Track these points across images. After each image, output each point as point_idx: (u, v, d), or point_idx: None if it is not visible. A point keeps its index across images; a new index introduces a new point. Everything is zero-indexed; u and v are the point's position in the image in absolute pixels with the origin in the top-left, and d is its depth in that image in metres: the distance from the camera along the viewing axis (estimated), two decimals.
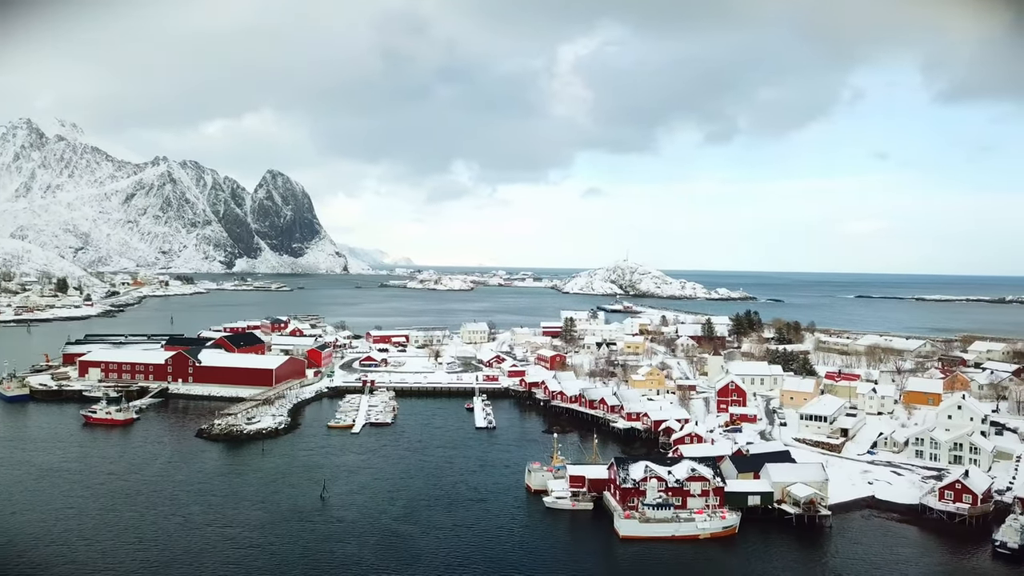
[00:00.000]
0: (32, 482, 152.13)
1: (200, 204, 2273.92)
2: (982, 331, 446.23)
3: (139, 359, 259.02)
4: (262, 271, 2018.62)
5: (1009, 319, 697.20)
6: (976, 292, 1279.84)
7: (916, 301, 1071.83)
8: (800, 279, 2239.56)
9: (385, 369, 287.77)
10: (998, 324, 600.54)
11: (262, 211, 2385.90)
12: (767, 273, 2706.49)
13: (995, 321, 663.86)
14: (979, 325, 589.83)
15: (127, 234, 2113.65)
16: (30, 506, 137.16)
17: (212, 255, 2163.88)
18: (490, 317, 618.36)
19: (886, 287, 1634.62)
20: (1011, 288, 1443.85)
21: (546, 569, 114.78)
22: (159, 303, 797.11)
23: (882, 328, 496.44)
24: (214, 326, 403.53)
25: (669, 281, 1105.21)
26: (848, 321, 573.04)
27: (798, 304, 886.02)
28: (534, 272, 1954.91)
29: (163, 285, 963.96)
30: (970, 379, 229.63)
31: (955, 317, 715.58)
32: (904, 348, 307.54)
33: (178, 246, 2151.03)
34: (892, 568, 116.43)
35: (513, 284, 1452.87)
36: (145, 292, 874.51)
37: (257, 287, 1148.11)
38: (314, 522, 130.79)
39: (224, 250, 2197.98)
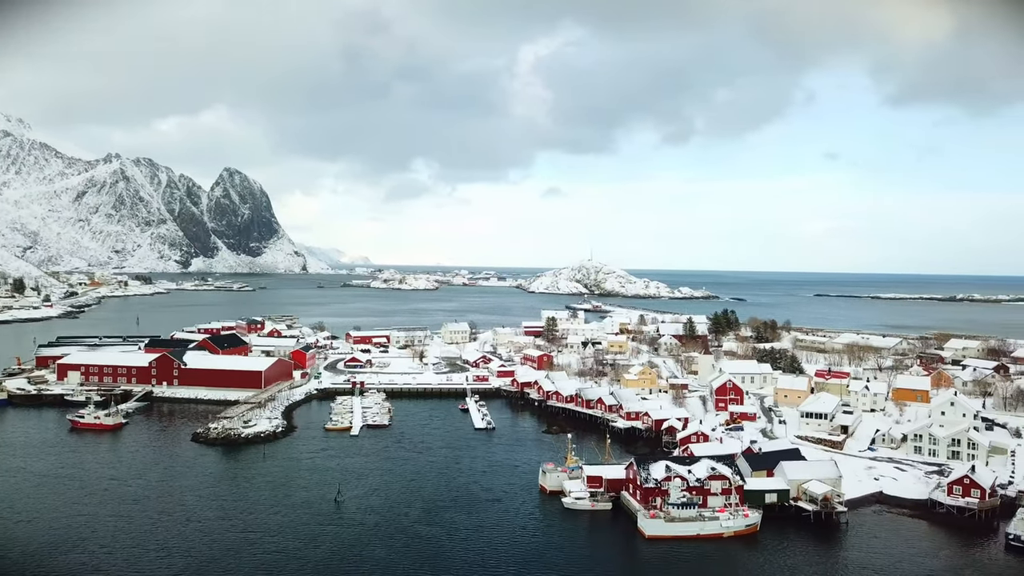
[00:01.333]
0: (32, 489, 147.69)
1: (154, 202, 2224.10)
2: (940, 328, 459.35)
3: (121, 362, 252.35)
4: (219, 271, 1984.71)
5: (962, 316, 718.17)
6: (926, 291, 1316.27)
7: (872, 299, 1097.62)
8: (757, 278, 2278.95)
9: (372, 370, 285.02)
10: (954, 321, 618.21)
11: (219, 210, 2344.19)
12: (725, 272, 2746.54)
13: (951, 318, 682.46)
14: (936, 322, 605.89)
15: (78, 233, 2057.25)
16: (37, 513, 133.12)
17: (167, 254, 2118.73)
18: (461, 317, 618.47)
19: (840, 286, 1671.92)
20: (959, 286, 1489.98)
21: (578, 569, 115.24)
22: (119, 304, 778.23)
23: (847, 325, 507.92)
24: (187, 327, 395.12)
25: (633, 280, 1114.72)
26: (814, 319, 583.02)
27: (762, 303, 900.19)
28: (497, 271, 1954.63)
29: (122, 285, 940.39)
30: (953, 376, 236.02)
31: (913, 315, 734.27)
32: (882, 346, 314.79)
33: (132, 245, 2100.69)
34: (913, 561, 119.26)
35: (478, 284, 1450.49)
36: (103, 292, 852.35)
37: (218, 287, 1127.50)
38: (335, 525, 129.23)
39: (180, 249, 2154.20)
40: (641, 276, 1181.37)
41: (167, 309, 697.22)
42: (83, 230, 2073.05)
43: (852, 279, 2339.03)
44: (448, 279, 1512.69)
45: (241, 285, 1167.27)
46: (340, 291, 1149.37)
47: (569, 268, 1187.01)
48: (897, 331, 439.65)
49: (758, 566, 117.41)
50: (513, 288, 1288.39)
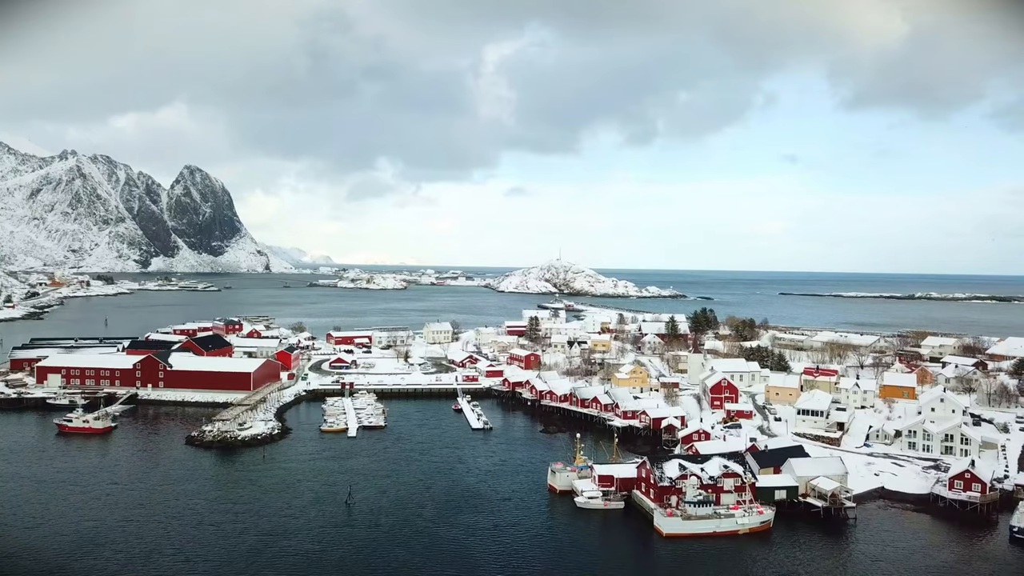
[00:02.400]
0: (31, 495, 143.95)
1: (112, 200, 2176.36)
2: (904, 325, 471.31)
3: (104, 364, 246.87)
4: (180, 270, 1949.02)
5: (923, 314, 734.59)
6: (885, 289, 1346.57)
7: (834, 298, 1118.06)
8: (720, 277, 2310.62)
9: (358, 371, 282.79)
10: (917, 319, 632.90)
11: (179, 208, 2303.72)
12: (688, 271, 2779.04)
13: (913, 316, 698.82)
14: (899, 320, 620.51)
15: (33, 232, 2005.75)
16: (42, 519, 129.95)
17: (126, 254, 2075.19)
18: (436, 316, 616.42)
19: (800, 284, 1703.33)
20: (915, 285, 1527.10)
21: (600, 568, 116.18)
22: (82, 304, 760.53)
23: (817, 324, 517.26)
24: (161, 328, 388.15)
25: (602, 280, 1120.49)
26: (785, 318, 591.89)
27: (729, 301, 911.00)
28: (464, 271, 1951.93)
29: (84, 285, 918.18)
30: (936, 374, 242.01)
31: (877, 313, 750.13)
32: (860, 344, 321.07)
33: (89, 244, 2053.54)
34: (924, 554, 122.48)
35: (446, 283, 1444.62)
36: (65, 293, 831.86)
37: (183, 287, 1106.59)
38: (351, 528, 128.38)
39: (139, 248, 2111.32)
40: (609, 275, 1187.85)
41: (134, 310, 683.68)
42: (38, 229, 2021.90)
43: (810, 278, 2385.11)
44: (416, 279, 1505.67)
45: (206, 285, 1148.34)
46: (307, 291, 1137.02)
47: (538, 268, 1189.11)
48: (864, 329, 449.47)
49: (776, 562, 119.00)
50: (482, 288, 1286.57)
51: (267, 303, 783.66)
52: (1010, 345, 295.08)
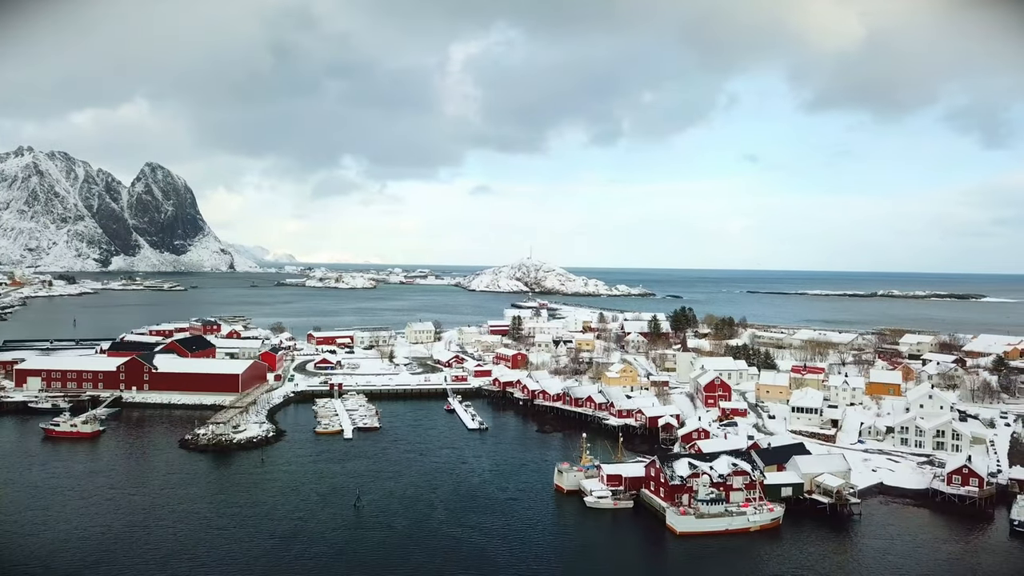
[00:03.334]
0: (28, 500, 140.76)
1: (71, 198, 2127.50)
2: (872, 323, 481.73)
3: (86, 366, 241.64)
4: (142, 269, 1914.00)
5: (887, 311, 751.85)
6: (848, 287, 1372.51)
7: (799, 296, 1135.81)
8: (685, 275, 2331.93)
9: (345, 372, 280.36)
10: (882, 316, 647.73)
11: (141, 206, 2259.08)
12: (653, 269, 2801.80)
13: (879, 313, 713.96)
14: (865, 317, 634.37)
15: None
16: (44, 526, 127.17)
17: (86, 252, 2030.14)
18: (411, 315, 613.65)
19: (764, 282, 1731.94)
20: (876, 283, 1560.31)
21: (619, 567, 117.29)
22: (45, 304, 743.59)
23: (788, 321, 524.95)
24: (136, 329, 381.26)
25: (572, 278, 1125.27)
26: (756, 316, 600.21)
27: (699, 299, 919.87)
28: (432, 269, 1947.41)
29: (46, 285, 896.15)
30: (918, 371, 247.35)
31: (843, 310, 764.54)
32: (839, 341, 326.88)
33: (47, 243, 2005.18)
34: (931, 547, 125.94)
35: (415, 282, 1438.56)
36: (27, 292, 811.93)
37: (148, 287, 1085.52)
38: (364, 530, 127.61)
39: (99, 247, 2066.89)
40: (578, 274, 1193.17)
41: (100, 310, 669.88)
42: None
43: (771, 276, 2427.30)
44: (384, 277, 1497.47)
45: (172, 284, 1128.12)
46: (275, 290, 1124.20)
47: (509, 267, 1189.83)
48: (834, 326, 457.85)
49: (790, 558, 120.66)
50: (452, 287, 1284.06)
51: (237, 303, 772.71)
52: (984, 342, 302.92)
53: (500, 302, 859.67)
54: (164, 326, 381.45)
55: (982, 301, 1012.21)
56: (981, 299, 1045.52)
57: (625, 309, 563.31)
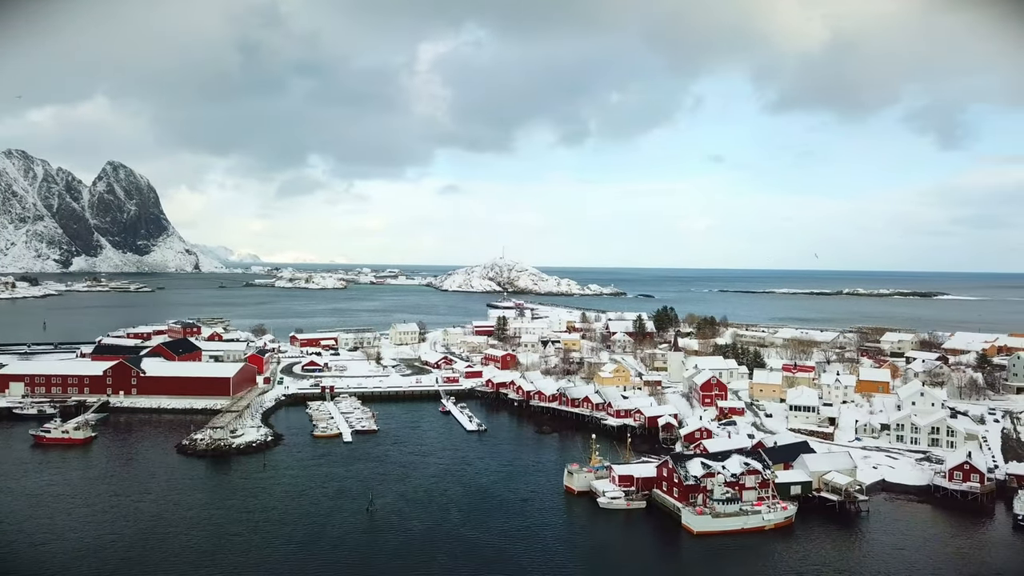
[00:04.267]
0: (30, 509, 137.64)
1: (29, 198, 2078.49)
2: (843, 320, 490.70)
3: (71, 371, 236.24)
4: (104, 270, 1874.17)
5: (855, 309, 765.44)
6: (815, 286, 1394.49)
7: (768, 294, 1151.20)
8: (653, 274, 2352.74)
9: (333, 374, 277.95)
10: (850, 314, 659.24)
11: (102, 206, 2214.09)
12: (622, 269, 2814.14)
13: (848, 311, 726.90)
14: (835, 315, 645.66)
15: None
16: (54, 535, 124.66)
17: (45, 253, 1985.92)
18: (387, 316, 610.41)
19: (729, 281, 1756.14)
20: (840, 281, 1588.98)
21: (642, 567, 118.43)
22: (7, 307, 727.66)
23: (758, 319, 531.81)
24: (112, 332, 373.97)
25: (545, 278, 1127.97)
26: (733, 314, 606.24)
27: (670, 298, 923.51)
28: (401, 269, 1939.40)
29: (8, 287, 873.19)
30: (904, 368, 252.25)
31: (813, 309, 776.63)
32: (822, 340, 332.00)
33: (4, 243, 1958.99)
34: (940, 542, 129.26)
35: (386, 282, 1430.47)
36: None
37: (113, 288, 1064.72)
38: (381, 534, 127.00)
39: (59, 248, 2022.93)
40: (550, 273, 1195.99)
41: (68, 312, 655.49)
42: None
43: (737, 274, 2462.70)
44: (354, 277, 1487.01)
45: (139, 285, 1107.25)
46: (245, 291, 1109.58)
47: (481, 266, 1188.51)
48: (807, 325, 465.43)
49: (807, 555, 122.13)
50: (424, 287, 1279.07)
51: (208, 304, 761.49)
52: (962, 339, 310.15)
53: (474, 302, 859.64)
54: (142, 328, 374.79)
55: (944, 299, 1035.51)
56: (944, 296, 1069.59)
57: (602, 309, 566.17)
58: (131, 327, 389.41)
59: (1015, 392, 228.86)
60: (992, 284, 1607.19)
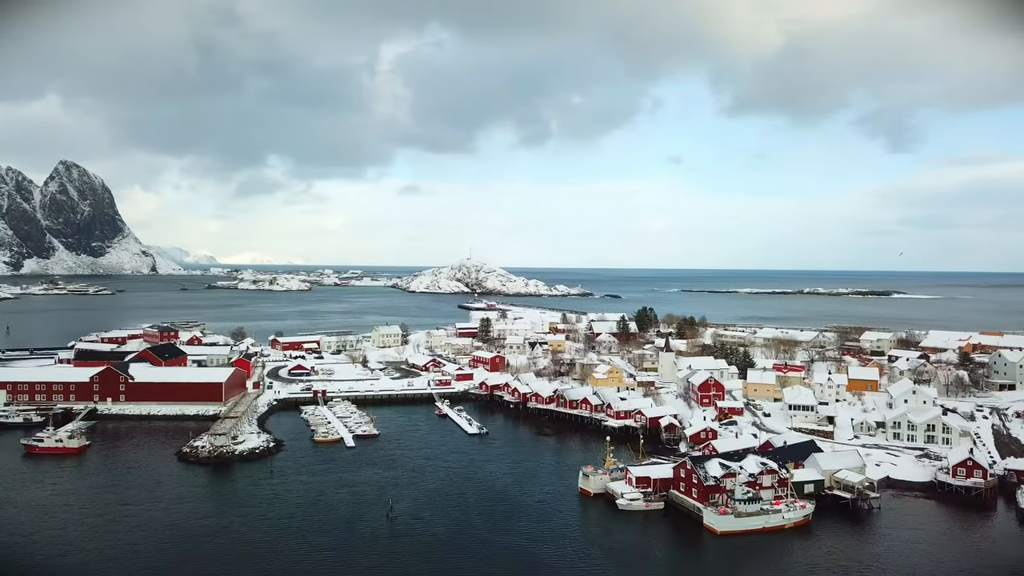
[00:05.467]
0: (40, 520, 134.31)
1: None
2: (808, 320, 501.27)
3: (57, 377, 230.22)
4: (57, 272, 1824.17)
5: (816, 309, 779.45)
6: (776, 285, 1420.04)
7: (730, 294, 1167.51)
8: (614, 274, 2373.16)
9: (321, 377, 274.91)
10: (815, 313, 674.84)
11: (55, 206, 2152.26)
12: (583, 269, 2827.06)
13: (811, 310, 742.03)
14: (802, 314, 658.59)
15: None
16: (70, 545, 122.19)
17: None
18: (360, 318, 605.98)
19: (689, 280, 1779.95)
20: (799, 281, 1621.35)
21: (672, 568, 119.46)
22: None
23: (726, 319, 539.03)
24: (84, 336, 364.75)
25: (513, 279, 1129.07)
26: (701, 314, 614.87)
27: (637, 298, 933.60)
28: (363, 270, 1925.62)
29: None
30: (890, 367, 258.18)
31: (777, 308, 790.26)
32: (802, 340, 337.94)
33: None
34: (952, 536, 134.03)
35: (350, 283, 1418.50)
36: None
37: (71, 290, 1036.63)
38: (408, 539, 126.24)
39: (10, 250, 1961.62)
40: (516, 274, 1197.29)
41: (28, 316, 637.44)
42: None
43: (699, 274, 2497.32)
44: (318, 279, 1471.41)
45: (98, 288, 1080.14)
46: (208, 293, 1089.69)
47: (448, 267, 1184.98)
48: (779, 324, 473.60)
49: (830, 551, 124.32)
50: (389, 288, 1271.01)
51: (172, 307, 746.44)
52: (938, 338, 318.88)
53: (443, 303, 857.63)
54: (116, 333, 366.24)
55: (901, 298, 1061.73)
56: (900, 295, 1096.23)
57: (573, 309, 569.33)
58: (103, 331, 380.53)
59: (998, 389, 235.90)
60: (941, 283, 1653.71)
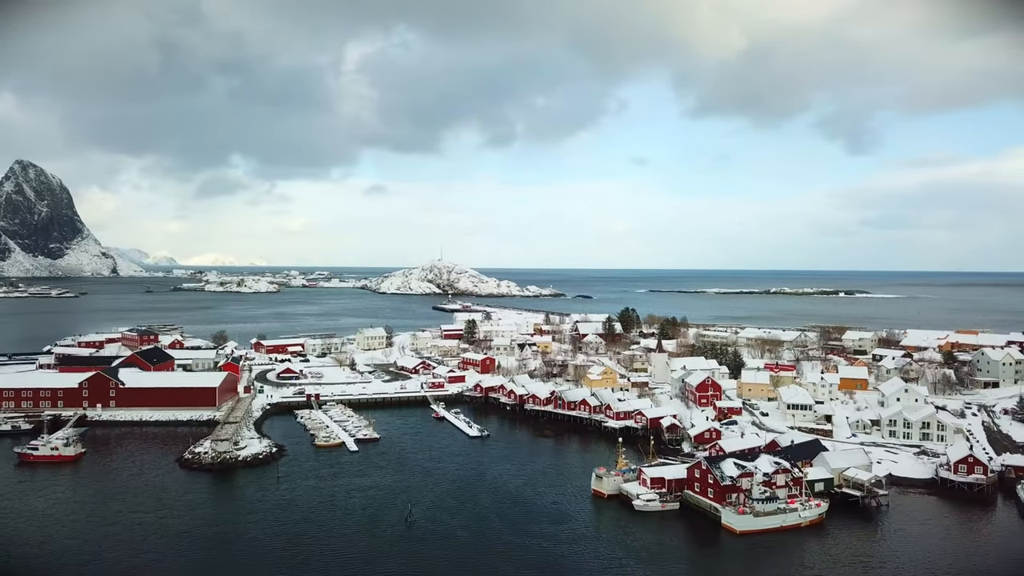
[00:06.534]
0: (54, 530, 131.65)
1: None
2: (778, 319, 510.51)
3: (43, 383, 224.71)
4: (13, 274, 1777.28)
5: (787, 308, 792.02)
6: (744, 285, 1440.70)
7: (698, 294, 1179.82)
8: (584, 275, 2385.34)
9: (311, 381, 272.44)
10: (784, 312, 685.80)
11: (10, 207, 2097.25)
12: (552, 270, 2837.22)
13: (781, 309, 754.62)
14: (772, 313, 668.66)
15: None
16: (91, 555, 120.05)
17: None
18: (336, 320, 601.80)
19: (657, 281, 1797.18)
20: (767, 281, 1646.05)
21: (698, 568, 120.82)
22: None
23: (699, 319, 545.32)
24: (60, 340, 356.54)
25: (485, 280, 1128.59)
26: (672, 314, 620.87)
27: (608, 299, 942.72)
28: (330, 271, 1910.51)
29: None
30: (875, 366, 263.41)
31: (747, 308, 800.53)
32: (785, 339, 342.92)
33: None
34: (963, 529, 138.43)
35: (318, 285, 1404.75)
36: None
37: (33, 293, 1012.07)
38: (433, 542, 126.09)
39: None
40: (487, 275, 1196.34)
41: None
42: None
43: (665, 274, 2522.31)
44: (285, 280, 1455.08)
45: (61, 291, 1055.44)
46: (174, 296, 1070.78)
47: (419, 268, 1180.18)
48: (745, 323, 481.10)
49: (849, 547, 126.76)
50: (359, 289, 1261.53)
51: (141, 309, 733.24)
52: (918, 337, 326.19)
53: (416, 304, 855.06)
54: (93, 337, 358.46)
55: (866, 297, 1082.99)
56: (865, 295, 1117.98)
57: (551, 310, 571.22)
58: (78, 336, 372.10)
59: (982, 387, 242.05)
60: (901, 282, 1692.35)
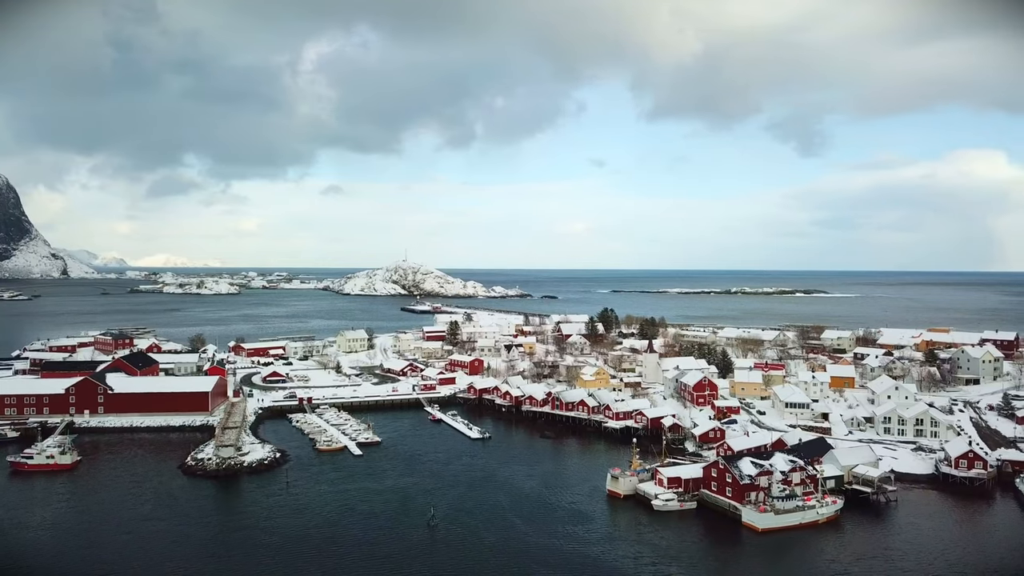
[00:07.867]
0: (61, 541, 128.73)
1: None
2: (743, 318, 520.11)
3: (28, 390, 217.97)
4: None
5: (751, 307, 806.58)
6: (706, 285, 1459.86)
7: (660, 294, 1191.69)
8: (547, 275, 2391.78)
9: (299, 384, 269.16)
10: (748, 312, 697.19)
11: None
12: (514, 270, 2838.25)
13: (746, 308, 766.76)
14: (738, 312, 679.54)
15: None
16: (114, 564, 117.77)
17: None
18: (305, 322, 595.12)
19: (616, 281, 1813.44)
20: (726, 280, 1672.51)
21: (726, 567, 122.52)
22: None
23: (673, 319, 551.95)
24: (29, 345, 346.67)
25: (451, 280, 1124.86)
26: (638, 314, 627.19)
27: (573, 299, 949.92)
28: (288, 272, 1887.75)
29: None
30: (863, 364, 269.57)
31: (711, 307, 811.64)
32: (765, 339, 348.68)
33: None
34: (971, 522, 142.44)
35: (279, 286, 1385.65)
36: None
37: None
38: (461, 546, 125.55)
39: None
40: (453, 275, 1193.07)
41: None
42: None
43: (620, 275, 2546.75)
44: (245, 282, 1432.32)
45: (13, 293, 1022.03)
46: (132, 298, 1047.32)
47: (384, 269, 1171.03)
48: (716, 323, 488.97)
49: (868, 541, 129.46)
50: (321, 290, 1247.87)
51: (101, 312, 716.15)
52: (893, 335, 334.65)
53: (381, 306, 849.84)
54: (65, 341, 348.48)
55: (825, 296, 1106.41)
56: (823, 294, 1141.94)
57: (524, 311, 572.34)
58: (47, 339, 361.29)
59: (964, 384, 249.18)
60: (854, 282, 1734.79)
